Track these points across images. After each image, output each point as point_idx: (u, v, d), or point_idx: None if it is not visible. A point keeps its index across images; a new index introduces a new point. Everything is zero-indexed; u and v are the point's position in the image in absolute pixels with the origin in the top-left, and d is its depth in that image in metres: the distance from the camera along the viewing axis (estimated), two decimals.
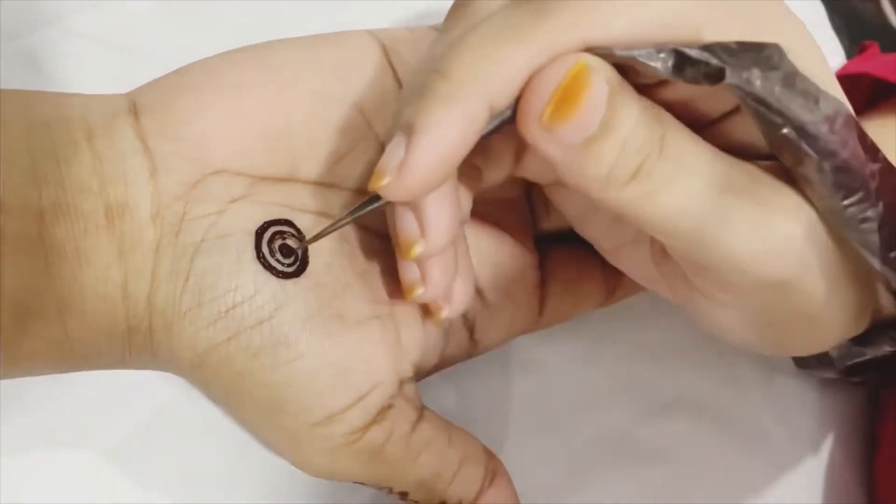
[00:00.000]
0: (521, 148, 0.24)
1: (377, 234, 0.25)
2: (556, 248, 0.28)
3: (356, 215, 0.22)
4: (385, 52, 0.25)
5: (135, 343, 0.23)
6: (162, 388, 0.28)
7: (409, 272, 0.23)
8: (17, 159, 0.21)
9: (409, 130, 0.19)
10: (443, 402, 0.29)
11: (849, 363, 0.27)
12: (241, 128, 0.23)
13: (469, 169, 0.23)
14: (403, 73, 0.25)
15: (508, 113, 0.20)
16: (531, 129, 0.19)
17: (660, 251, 0.24)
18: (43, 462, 0.27)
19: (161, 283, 0.22)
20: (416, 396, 0.25)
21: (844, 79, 0.35)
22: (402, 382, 0.25)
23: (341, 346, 0.23)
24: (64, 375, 0.24)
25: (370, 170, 0.25)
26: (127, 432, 0.27)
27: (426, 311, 0.25)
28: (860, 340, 0.26)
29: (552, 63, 0.19)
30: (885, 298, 0.23)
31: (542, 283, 0.28)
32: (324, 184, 0.24)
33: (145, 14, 0.32)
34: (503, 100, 0.19)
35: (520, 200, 0.28)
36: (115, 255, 0.22)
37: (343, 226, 0.23)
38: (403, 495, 0.25)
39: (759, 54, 0.19)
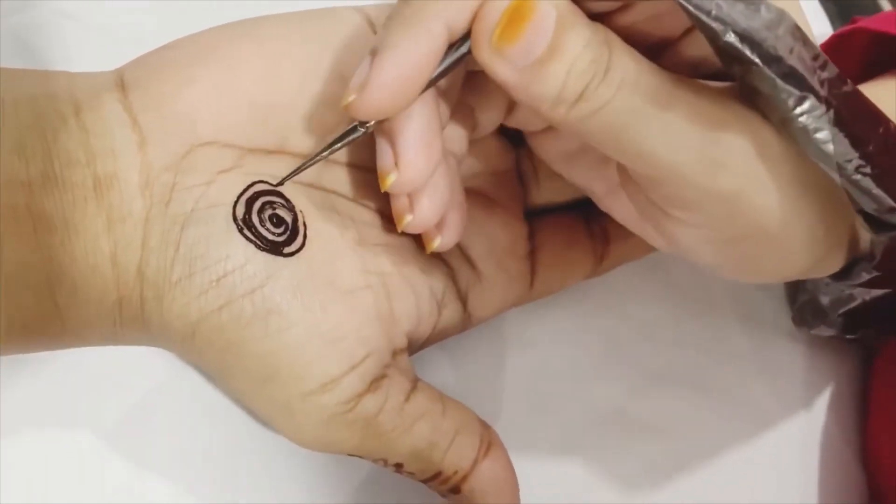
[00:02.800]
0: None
1: (369, 207, 0.25)
2: (545, 219, 0.29)
3: (335, 148, 0.22)
4: (371, 27, 0.25)
5: (126, 314, 0.23)
6: (159, 367, 0.28)
7: (398, 201, 0.23)
8: (3, 133, 0.21)
9: (373, 52, 0.21)
10: (436, 380, 0.29)
11: (842, 310, 0.27)
12: (230, 100, 0.23)
13: (464, 110, 0.24)
14: None
15: (465, 48, 0.21)
16: (483, 52, 0.20)
17: (624, 173, 0.24)
18: (39, 442, 0.26)
19: (151, 253, 0.22)
20: (410, 368, 0.25)
21: (836, 39, 0.35)
22: (395, 353, 0.25)
23: (333, 314, 0.23)
24: (59, 355, 0.24)
25: (357, 143, 0.25)
26: (123, 412, 0.27)
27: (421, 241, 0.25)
28: (841, 276, 0.26)
29: None
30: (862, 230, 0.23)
31: (533, 254, 0.28)
32: None
33: None
34: (459, 21, 0.20)
35: (510, 173, 0.28)
36: (104, 225, 0.22)
37: (320, 160, 0.23)
38: (398, 467, 0.25)
39: None
